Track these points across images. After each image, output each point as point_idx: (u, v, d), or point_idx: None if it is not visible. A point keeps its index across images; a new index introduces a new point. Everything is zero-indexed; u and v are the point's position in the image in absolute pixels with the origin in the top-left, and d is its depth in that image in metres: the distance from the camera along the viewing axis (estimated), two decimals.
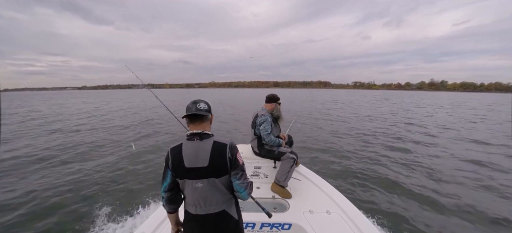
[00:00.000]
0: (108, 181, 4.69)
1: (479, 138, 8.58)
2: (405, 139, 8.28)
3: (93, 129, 10.22)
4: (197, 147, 1.18)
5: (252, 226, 2.01)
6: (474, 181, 4.65)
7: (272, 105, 2.85)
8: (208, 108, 1.25)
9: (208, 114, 1.25)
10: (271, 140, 2.62)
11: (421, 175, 4.93)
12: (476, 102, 32.86)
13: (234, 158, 1.20)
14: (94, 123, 11.95)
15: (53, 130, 10.10)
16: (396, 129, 10.40)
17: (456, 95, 79.10)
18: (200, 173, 1.16)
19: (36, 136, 8.88)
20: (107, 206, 3.66)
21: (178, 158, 1.18)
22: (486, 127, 11.14)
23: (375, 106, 22.69)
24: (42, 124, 11.77)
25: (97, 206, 3.65)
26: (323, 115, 15.29)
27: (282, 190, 2.49)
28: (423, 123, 12.17)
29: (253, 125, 2.75)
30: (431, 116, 15.51)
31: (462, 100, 37.84)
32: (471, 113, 17.47)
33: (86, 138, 8.53)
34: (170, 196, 1.26)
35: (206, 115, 1.23)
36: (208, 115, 1.24)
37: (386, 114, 15.98)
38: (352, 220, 2.00)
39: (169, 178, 1.22)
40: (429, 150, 6.96)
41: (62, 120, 13.41)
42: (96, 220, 3.30)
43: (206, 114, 1.23)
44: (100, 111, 18.10)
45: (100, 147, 7.27)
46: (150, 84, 61.32)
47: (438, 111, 19.09)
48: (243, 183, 1.23)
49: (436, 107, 23.04)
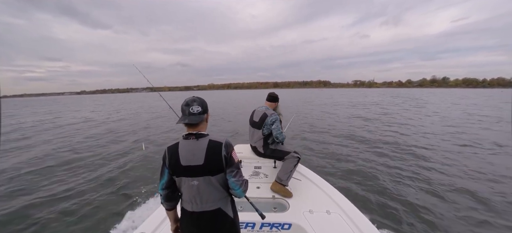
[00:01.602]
0: (109, 180, 4.77)
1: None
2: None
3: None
4: (193, 145, 1.20)
5: (252, 226, 2.01)
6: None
7: (275, 104, 2.83)
8: (202, 109, 1.23)
9: (203, 116, 1.24)
10: (283, 137, 2.66)
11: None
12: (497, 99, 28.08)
13: (229, 156, 1.22)
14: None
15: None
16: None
17: (466, 91, 73.00)
18: (196, 171, 1.18)
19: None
20: (108, 205, 3.69)
21: (175, 157, 1.20)
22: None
23: (416, 114, 15.37)
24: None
25: (98, 206, 3.68)
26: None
27: (283, 189, 2.48)
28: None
29: (260, 125, 2.66)
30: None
31: (488, 97, 32.76)
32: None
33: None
34: (167, 194, 1.28)
35: (201, 119, 1.22)
36: (202, 118, 1.23)
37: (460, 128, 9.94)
38: (352, 220, 2.00)
39: (166, 176, 1.25)
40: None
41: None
42: (97, 220, 3.31)
43: (201, 118, 1.22)
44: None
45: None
46: (149, 88, 60.97)
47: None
48: (238, 181, 1.24)
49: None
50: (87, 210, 3.63)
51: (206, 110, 1.28)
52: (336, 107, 20.99)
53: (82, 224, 3.28)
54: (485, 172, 4.95)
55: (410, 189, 4.23)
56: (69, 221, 3.37)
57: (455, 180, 4.62)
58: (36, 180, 4.90)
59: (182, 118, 1.22)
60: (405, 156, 6.17)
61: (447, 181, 4.57)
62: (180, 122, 1.22)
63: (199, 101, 1.24)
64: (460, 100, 28.94)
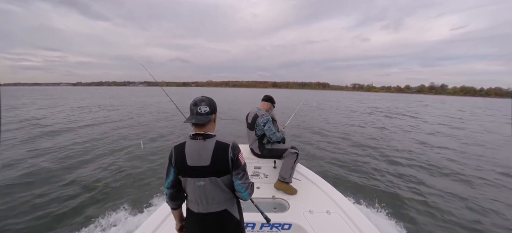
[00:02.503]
0: (110, 179, 4.67)
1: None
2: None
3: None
4: (200, 146, 1.18)
5: (252, 226, 2.00)
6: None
7: (268, 105, 2.83)
8: (210, 110, 1.21)
9: (210, 116, 1.22)
10: (277, 137, 2.63)
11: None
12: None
13: (236, 158, 1.20)
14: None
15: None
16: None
17: (469, 100, 71.74)
18: (202, 171, 1.16)
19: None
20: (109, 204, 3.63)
21: (181, 156, 1.18)
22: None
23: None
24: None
25: (98, 205, 3.62)
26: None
27: (287, 186, 2.51)
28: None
29: (253, 126, 2.67)
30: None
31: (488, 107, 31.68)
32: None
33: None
34: (173, 193, 1.27)
35: (208, 119, 1.20)
36: (210, 118, 1.21)
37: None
38: (352, 220, 2.00)
39: (172, 175, 1.24)
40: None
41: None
42: (97, 219, 3.25)
43: (208, 118, 1.20)
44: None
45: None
46: (146, 82, 58.71)
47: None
48: (245, 183, 1.22)
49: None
50: (81, 210, 3.55)
51: (214, 111, 1.26)
52: (349, 111, 19.12)
53: (79, 224, 3.21)
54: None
55: (413, 190, 4.26)
56: (65, 220, 3.31)
57: (445, 180, 4.69)
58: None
59: (189, 117, 1.21)
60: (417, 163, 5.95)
61: (446, 181, 4.65)
62: (187, 122, 1.20)
63: (207, 101, 1.22)
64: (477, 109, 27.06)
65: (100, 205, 3.67)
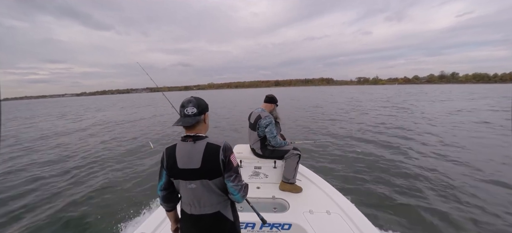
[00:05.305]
0: (114, 181, 4.79)
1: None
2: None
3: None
4: (190, 148, 1.16)
5: (252, 226, 2.02)
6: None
7: (271, 106, 2.79)
8: (197, 111, 1.18)
9: (199, 118, 1.19)
10: (277, 142, 2.59)
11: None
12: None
13: (227, 160, 1.18)
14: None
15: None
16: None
17: (491, 87, 61.61)
18: (192, 174, 1.15)
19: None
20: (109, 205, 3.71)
21: (172, 159, 1.18)
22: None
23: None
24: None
25: (98, 205, 3.71)
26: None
27: (292, 186, 2.55)
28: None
29: (255, 127, 2.65)
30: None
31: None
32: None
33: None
34: (165, 195, 1.27)
35: (196, 121, 1.18)
36: (197, 119, 1.19)
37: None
38: (352, 220, 2.00)
39: (164, 177, 1.23)
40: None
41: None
42: (98, 219, 3.34)
43: (195, 120, 1.17)
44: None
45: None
46: (148, 88, 57.76)
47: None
48: (237, 186, 1.20)
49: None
50: (87, 212, 3.65)
51: (204, 111, 1.23)
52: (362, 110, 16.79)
53: (81, 226, 3.31)
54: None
55: (416, 192, 4.07)
56: (69, 222, 3.41)
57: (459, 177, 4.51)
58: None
59: (177, 120, 1.20)
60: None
61: (446, 180, 4.48)
62: (175, 125, 1.19)
63: (195, 101, 1.20)
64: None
65: (102, 205, 3.74)
